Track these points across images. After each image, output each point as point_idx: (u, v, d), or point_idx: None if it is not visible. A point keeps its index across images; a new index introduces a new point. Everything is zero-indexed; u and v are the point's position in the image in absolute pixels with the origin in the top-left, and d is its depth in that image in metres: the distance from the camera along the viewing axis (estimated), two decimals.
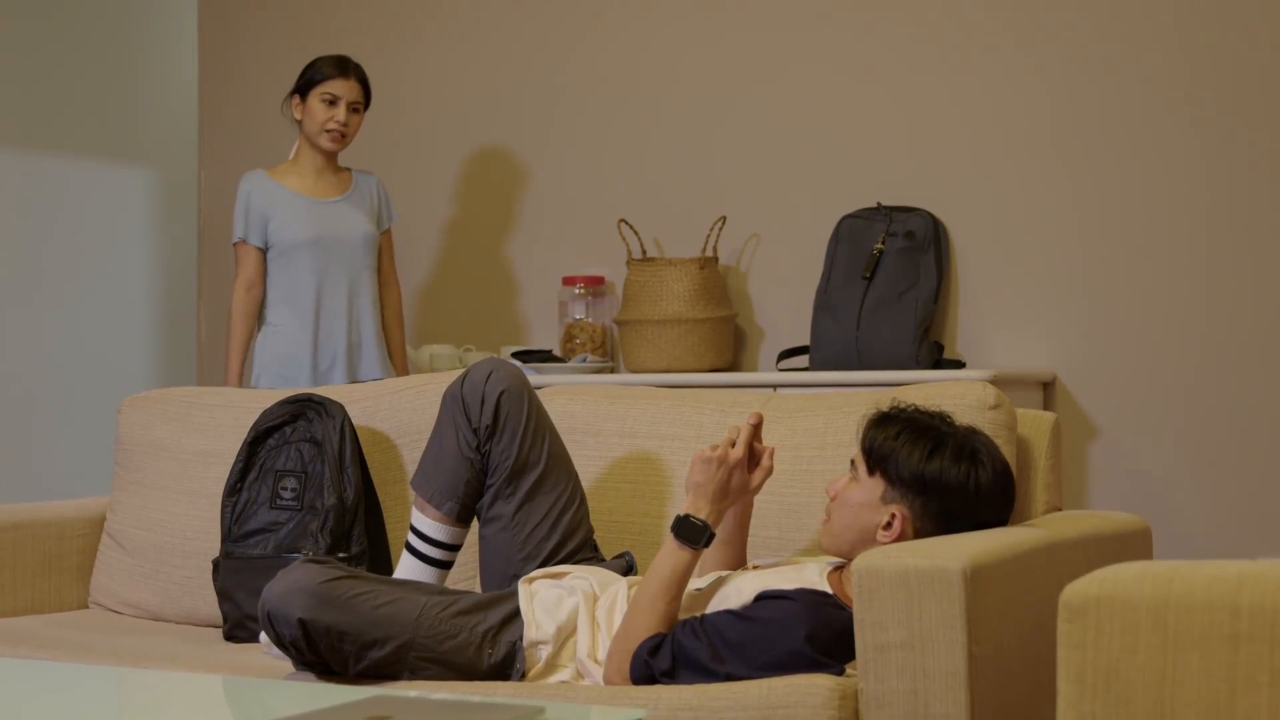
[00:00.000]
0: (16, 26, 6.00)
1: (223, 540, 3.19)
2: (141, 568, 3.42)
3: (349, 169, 4.55)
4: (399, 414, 3.30)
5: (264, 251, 4.42)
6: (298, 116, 4.44)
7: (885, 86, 4.49)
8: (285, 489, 3.17)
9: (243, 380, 4.44)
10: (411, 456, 3.23)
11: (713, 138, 4.70)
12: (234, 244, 4.44)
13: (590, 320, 4.76)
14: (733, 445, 2.58)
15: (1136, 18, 4.18)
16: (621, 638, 2.51)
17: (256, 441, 3.22)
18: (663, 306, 4.47)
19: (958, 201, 4.37)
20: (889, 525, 2.50)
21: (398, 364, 4.58)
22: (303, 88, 4.42)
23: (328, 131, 4.38)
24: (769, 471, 2.63)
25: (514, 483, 2.84)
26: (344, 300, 4.42)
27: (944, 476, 2.49)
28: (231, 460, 3.26)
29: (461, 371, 2.92)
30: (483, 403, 2.83)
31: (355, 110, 4.42)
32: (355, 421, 3.23)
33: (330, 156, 4.47)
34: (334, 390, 3.40)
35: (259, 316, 4.44)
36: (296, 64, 5.51)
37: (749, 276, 4.65)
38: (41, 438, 6.05)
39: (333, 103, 4.38)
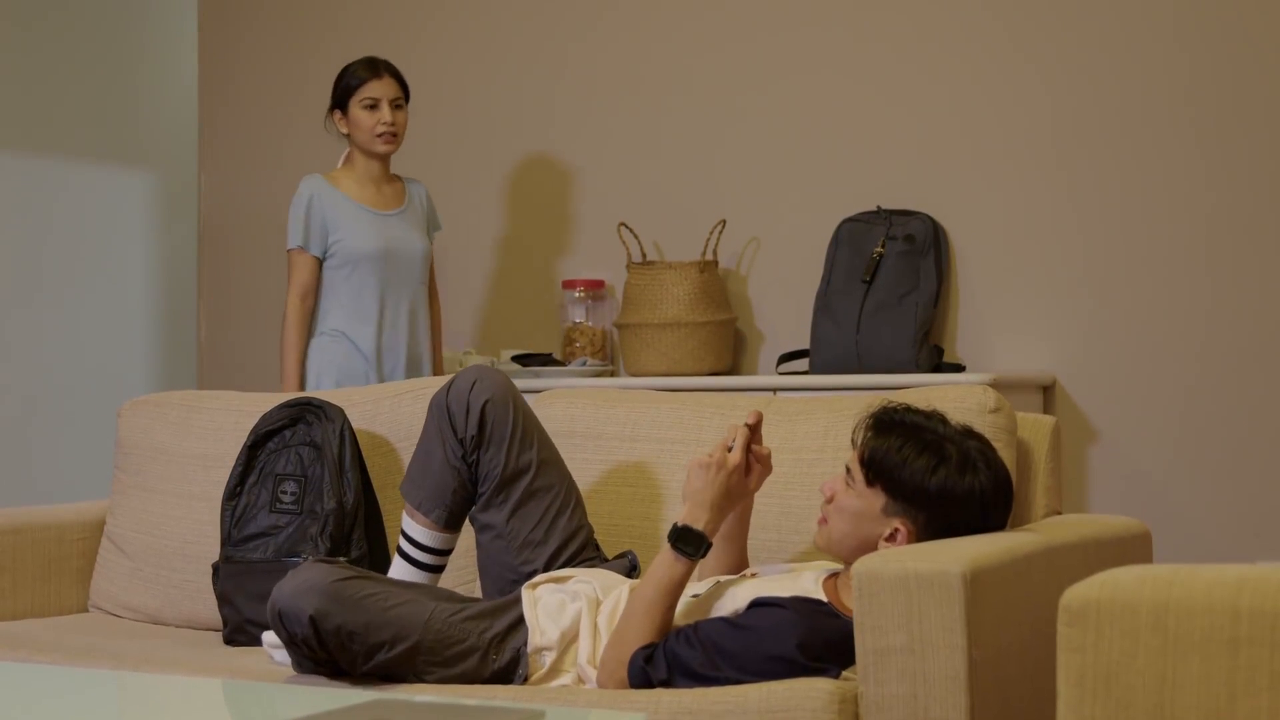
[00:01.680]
0: (16, 29, 6.00)
1: (222, 544, 3.19)
2: (141, 571, 3.42)
3: (400, 178, 4.46)
4: (398, 418, 3.30)
5: (320, 261, 4.31)
6: (344, 130, 4.34)
7: (885, 90, 4.49)
8: (285, 493, 3.16)
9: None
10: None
11: (713, 141, 4.71)
12: (289, 250, 4.32)
13: (590, 324, 4.76)
14: (729, 449, 2.56)
15: (1136, 21, 4.18)
16: (615, 645, 2.51)
17: (256, 445, 3.22)
18: (663, 310, 4.48)
19: (958, 205, 4.37)
20: (892, 537, 2.49)
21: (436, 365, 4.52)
22: (340, 100, 4.31)
23: (379, 136, 4.28)
24: (767, 471, 2.62)
25: (504, 491, 2.83)
26: (406, 314, 4.33)
27: (948, 491, 2.47)
28: (231, 464, 3.26)
29: (447, 380, 2.91)
30: (468, 413, 2.81)
31: (399, 107, 4.31)
32: (355, 425, 3.23)
33: (386, 163, 4.38)
34: (334, 394, 3.40)
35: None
36: (297, 67, 5.52)
37: (749, 280, 4.65)
38: (41, 441, 6.05)
39: (374, 106, 4.27)
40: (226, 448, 3.37)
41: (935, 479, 2.47)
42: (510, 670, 2.60)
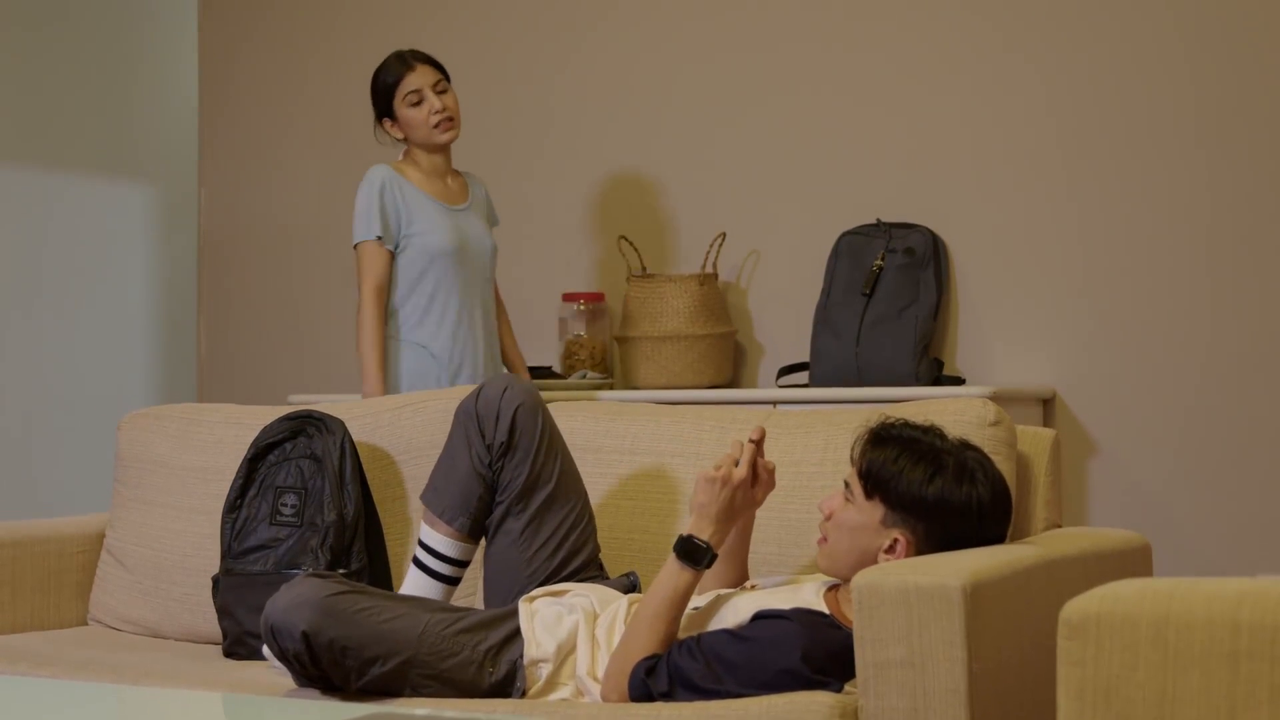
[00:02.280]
0: (16, 42, 6.01)
1: (222, 557, 3.18)
2: (141, 584, 3.41)
3: (460, 172, 4.24)
4: (399, 430, 3.30)
5: (392, 254, 4.06)
6: (399, 136, 4.11)
7: (885, 103, 4.50)
8: (285, 505, 3.16)
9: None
10: (411, 473, 3.23)
11: (712, 154, 4.71)
12: (356, 245, 4.05)
13: (590, 336, 4.76)
14: (735, 464, 2.57)
15: (1138, 34, 4.19)
16: (619, 656, 2.51)
17: (256, 458, 3.22)
18: (662, 323, 4.48)
19: (957, 218, 4.37)
20: (891, 549, 2.49)
21: (515, 361, 4.33)
22: (383, 105, 4.10)
23: (437, 126, 4.04)
24: (771, 486, 2.63)
25: (525, 500, 2.84)
26: (480, 314, 4.13)
27: (946, 500, 2.48)
28: (231, 476, 3.26)
29: (475, 387, 2.92)
30: (498, 419, 2.83)
31: (443, 91, 4.07)
32: (355, 438, 3.23)
33: (448, 156, 4.14)
34: (334, 407, 3.40)
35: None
36: (296, 81, 5.53)
37: (749, 293, 4.65)
38: (41, 454, 6.05)
39: (419, 101, 4.04)
40: (227, 460, 3.37)
41: (933, 488, 2.48)
42: (507, 683, 2.60)
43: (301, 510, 3.15)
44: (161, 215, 6.54)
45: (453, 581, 2.90)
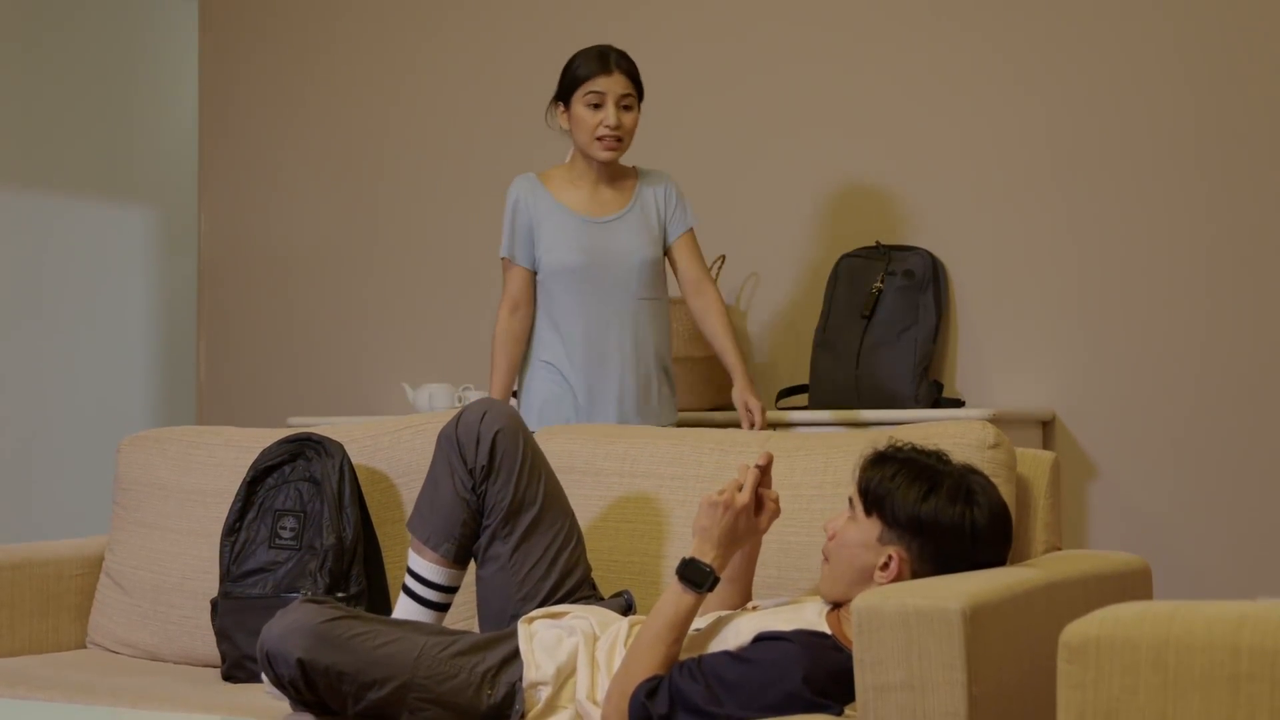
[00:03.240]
0: (17, 65, 6.02)
1: (221, 580, 3.18)
2: (140, 607, 3.41)
3: (634, 174, 3.92)
4: (398, 453, 3.30)
5: (533, 272, 3.83)
6: (565, 126, 3.82)
7: (884, 125, 4.51)
8: (284, 528, 3.16)
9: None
10: (411, 496, 3.23)
11: (711, 176, 4.71)
12: (501, 258, 3.86)
13: None
14: (740, 489, 2.58)
15: (1137, 57, 4.20)
16: (620, 679, 2.51)
17: (255, 481, 3.22)
18: None
19: (956, 240, 4.38)
20: (886, 566, 2.49)
21: (739, 380, 3.83)
22: (564, 92, 3.80)
23: (599, 140, 3.76)
24: (776, 514, 2.63)
25: (510, 523, 2.84)
26: (615, 336, 3.79)
27: (939, 518, 2.48)
28: (230, 499, 3.26)
29: (456, 412, 2.92)
30: (478, 443, 2.83)
31: (627, 108, 3.77)
32: (354, 461, 3.23)
33: (608, 163, 3.84)
34: (333, 429, 3.39)
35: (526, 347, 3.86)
36: (296, 104, 5.54)
37: (748, 315, 4.65)
38: (41, 476, 6.05)
39: (599, 105, 3.75)
40: (226, 483, 3.37)
41: (926, 505, 2.48)
42: (506, 706, 2.60)
43: (300, 533, 3.15)
44: (161, 238, 6.55)
45: (441, 608, 2.89)
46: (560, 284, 3.79)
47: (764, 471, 2.60)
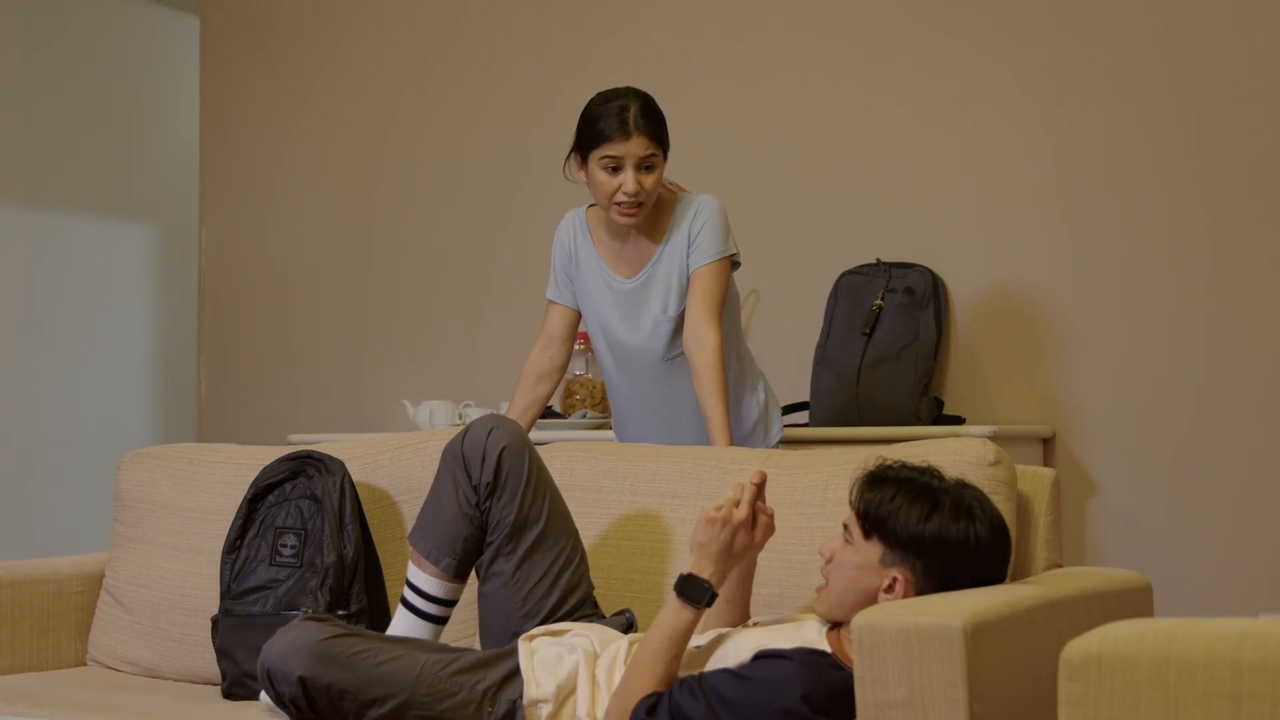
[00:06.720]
0: (19, 83, 6.03)
1: (221, 597, 3.18)
2: (140, 625, 3.41)
3: (670, 209, 3.56)
4: (399, 471, 3.30)
5: (573, 310, 3.63)
6: (582, 179, 3.50)
7: (884, 142, 4.51)
8: (285, 546, 3.16)
9: None
10: (411, 513, 3.23)
11: (711, 193, 4.71)
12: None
13: (590, 376, 4.76)
14: (736, 505, 2.58)
15: (1139, 76, 4.20)
16: (620, 695, 2.51)
17: (256, 498, 3.22)
18: None
19: (957, 257, 4.38)
20: (890, 588, 2.49)
21: (715, 435, 3.40)
22: (581, 147, 3.48)
23: (617, 204, 3.43)
24: (771, 530, 2.63)
25: (514, 540, 2.84)
26: (649, 394, 3.61)
27: (944, 536, 2.48)
28: (231, 517, 3.26)
29: (462, 428, 2.92)
30: (484, 459, 2.83)
31: (649, 169, 3.43)
32: (355, 478, 3.23)
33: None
34: (334, 447, 3.40)
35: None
36: (297, 122, 5.55)
37: (749, 332, 4.65)
38: (41, 493, 6.05)
39: (616, 169, 3.42)
40: (226, 500, 3.37)
41: (930, 525, 2.48)
42: None
43: (301, 551, 3.14)
44: (162, 255, 6.55)
45: (439, 621, 2.89)
46: (597, 340, 3.65)
47: (759, 489, 2.61)
